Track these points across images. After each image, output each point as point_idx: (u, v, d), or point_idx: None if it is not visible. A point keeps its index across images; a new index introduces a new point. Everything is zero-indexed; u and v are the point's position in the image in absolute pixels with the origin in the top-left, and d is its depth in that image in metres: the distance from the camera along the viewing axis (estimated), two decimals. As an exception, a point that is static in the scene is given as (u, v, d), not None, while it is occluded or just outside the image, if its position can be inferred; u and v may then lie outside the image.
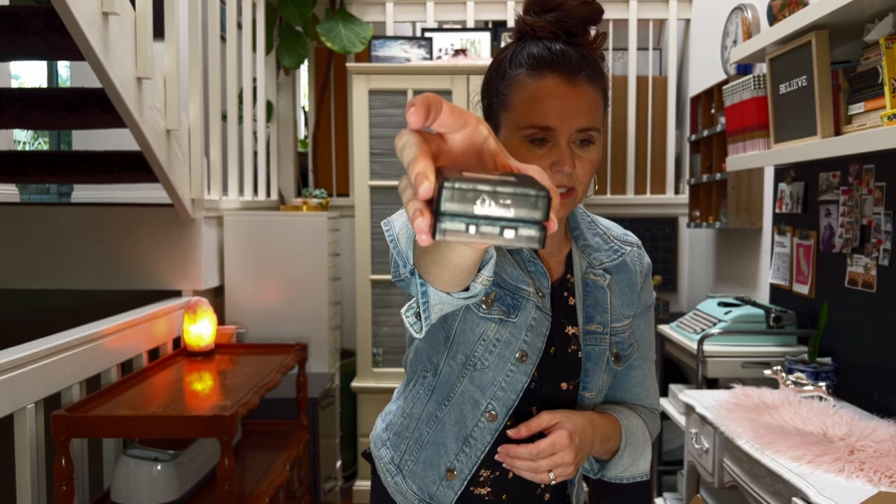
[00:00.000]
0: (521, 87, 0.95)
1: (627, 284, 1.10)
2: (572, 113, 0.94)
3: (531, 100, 0.94)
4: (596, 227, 1.11)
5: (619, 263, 1.09)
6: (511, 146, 0.96)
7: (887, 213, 1.83)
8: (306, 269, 2.94)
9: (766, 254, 2.66)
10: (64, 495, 1.66)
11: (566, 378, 1.05)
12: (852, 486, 1.37)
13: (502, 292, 1.00)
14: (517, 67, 0.97)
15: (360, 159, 3.17)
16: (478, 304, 0.99)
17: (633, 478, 1.08)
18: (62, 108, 2.31)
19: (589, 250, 1.08)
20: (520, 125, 0.95)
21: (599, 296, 1.06)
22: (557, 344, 1.05)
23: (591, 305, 1.06)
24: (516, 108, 0.96)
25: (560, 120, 0.93)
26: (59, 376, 1.84)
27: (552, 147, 0.94)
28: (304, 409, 2.58)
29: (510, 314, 1.00)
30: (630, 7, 3.63)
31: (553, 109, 0.93)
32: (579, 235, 1.09)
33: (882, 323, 1.86)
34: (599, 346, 1.05)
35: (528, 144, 0.95)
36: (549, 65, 0.94)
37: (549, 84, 0.94)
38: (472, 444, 1.02)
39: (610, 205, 3.69)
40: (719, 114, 2.80)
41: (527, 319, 1.00)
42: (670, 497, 2.64)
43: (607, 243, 1.10)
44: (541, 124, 0.94)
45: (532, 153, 0.95)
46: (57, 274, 2.61)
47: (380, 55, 3.30)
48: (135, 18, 2.10)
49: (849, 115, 1.73)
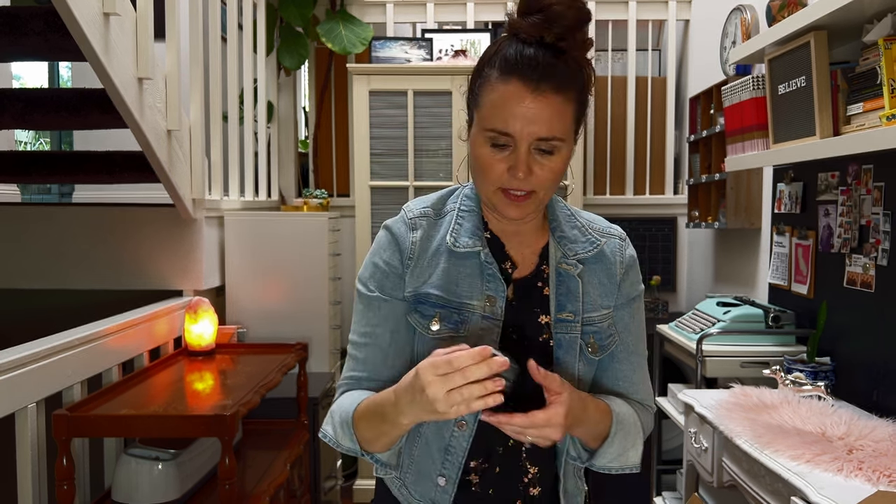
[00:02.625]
0: (490, 89, 0.98)
1: (606, 275, 1.11)
2: (533, 121, 0.95)
3: (495, 103, 0.97)
4: (575, 221, 1.13)
5: (595, 254, 1.10)
6: (477, 144, 1.01)
7: (886, 213, 1.84)
8: (307, 269, 2.95)
9: (764, 254, 2.67)
10: (65, 495, 1.67)
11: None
12: (851, 485, 1.37)
13: (447, 311, 1.04)
14: (491, 68, 0.99)
15: (361, 160, 3.18)
16: (426, 328, 1.05)
17: (622, 469, 1.08)
18: (63, 108, 2.32)
19: (565, 241, 1.10)
20: (484, 126, 0.98)
21: (572, 285, 1.08)
22: (529, 332, 1.07)
23: (563, 294, 1.08)
24: (483, 109, 0.99)
25: (519, 127, 0.95)
26: (60, 376, 1.85)
27: (512, 151, 0.97)
28: (305, 409, 2.59)
29: (459, 329, 1.04)
30: (629, 8, 3.63)
31: (513, 116, 0.95)
32: (556, 227, 1.12)
33: (881, 323, 1.87)
34: (570, 333, 1.07)
35: (491, 146, 0.99)
36: (516, 70, 0.95)
37: (512, 89, 0.95)
38: (453, 453, 1.06)
39: (609, 205, 3.69)
40: (718, 114, 2.80)
41: (476, 331, 1.04)
42: (669, 496, 2.65)
43: (585, 235, 1.12)
44: (501, 129, 0.96)
45: (493, 156, 0.99)
46: (58, 274, 2.61)
47: (380, 56, 3.31)
48: (136, 19, 2.11)
49: (847, 116, 1.73)
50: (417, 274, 1.06)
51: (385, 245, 1.09)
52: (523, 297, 1.08)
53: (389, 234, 1.09)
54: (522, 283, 1.08)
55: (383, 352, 1.08)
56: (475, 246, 1.06)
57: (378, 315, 1.08)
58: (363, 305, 1.10)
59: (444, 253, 1.06)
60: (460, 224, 1.08)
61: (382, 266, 1.08)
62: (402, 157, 3.19)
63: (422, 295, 1.05)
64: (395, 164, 3.19)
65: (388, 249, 1.09)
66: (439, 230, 1.08)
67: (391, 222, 1.11)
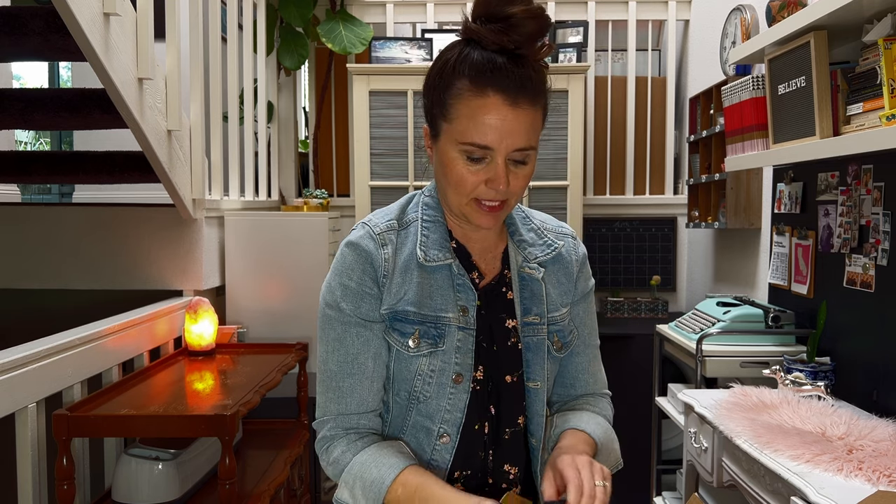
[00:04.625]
0: (464, 102, 0.96)
1: (564, 274, 1.14)
2: (511, 133, 0.96)
3: (472, 117, 0.96)
4: (531, 223, 1.15)
5: (554, 256, 1.13)
6: (449, 158, 1.00)
7: (885, 213, 1.84)
8: (307, 269, 2.95)
9: (764, 254, 2.67)
10: (65, 494, 1.67)
11: (509, 370, 1.09)
12: (851, 485, 1.37)
13: (424, 327, 1.04)
14: (460, 77, 0.97)
15: (361, 160, 3.18)
16: (405, 345, 1.03)
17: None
18: (63, 108, 2.32)
19: (524, 245, 1.12)
20: (459, 140, 0.98)
21: (535, 288, 1.10)
22: (497, 338, 1.08)
23: (527, 298, 1.10)
24: (457, 123, 0.97)
25: (498, 140, 0.96)
26: (60, 376, 1.85)
27: (489, 164, 0.98)
28: (305, 409, 2.59)
29: (437, 344, 1.04)
30: (629, 8, 3.63)
31: (492, 129, 0.95)
32: (514, 231, 1.13)
33: (880, 323, 1.87)
34: (538, 336, 1.09)
35: (466, 160, 0.98)
36: (491, 82, 0.95)
37: (490, 103, 0.95)
38: (437, 465, 1.06)
39: (609, 205, 3.69)
40: (718, 114, 2.80)
41: (453, 343, 1.04)
42: (669, 496, 2.65)
43: (541, 238, 1.14)
44: (480, 143, 0.96)
45: (468, 168, 0.98)
46: (58, 274, 2.62)
47: (380, 56, 3.31)
48: (136, 19, 2.11)
49: (847, 116, 1.73)
50: (393, 291, 1.04)
51: (353, 264, 1.04)
52: (490, 303, 1.09)
53: (358, 252, 1.04)
54: (487, 289, 1.10)
55: (369, 380, 1.05)
56: (445, 259, 1.05)
57: (358, 342, 1.04)
58: (338, 331, 1.05)
59: (415, 267, 1.05)
60: (426, 236, 1.06)
61: (354, 287, 1.04)
62: (402, 157, 3.19)
63: (399, 313, 1.04)
64: (395, 164, 3.19)
65: (359, 268, 1.04)
66: (406, 243, 1.06)
67: (356, 239, 1.05)
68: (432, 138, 1.04)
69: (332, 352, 1.06)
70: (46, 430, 1.77)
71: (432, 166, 1.07)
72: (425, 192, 1.12)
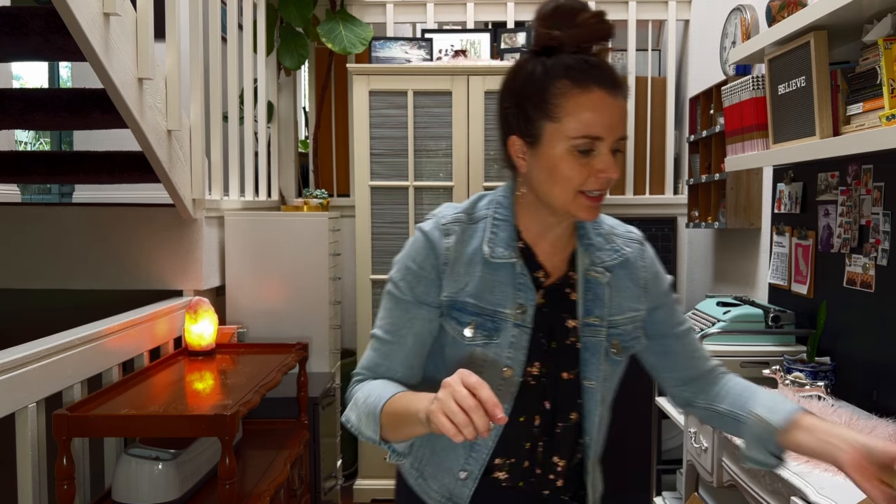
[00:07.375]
0: (572, 100, 1.03)
1: (631, 279, 1.17)
2: (615, 123, 1.04)
3: (581, 112, 1.03)
4: (600, 227, 1.19)
5: (621, 262, 1.17)
6: (557, 156, 1.04)
7: (885, 213, 1.84)
8: (307, 269, 2.95)
9: (764, 254, 2.67)
10: (65, 494, 1.67)
11: (566, 368, 1.14)
12: (851, 485, 1.36)
13: (481, 319, 1.10)
14: (559, 79, 1.04)
15: (361, 160, 3.18)
16: (461, 334, 1.10)
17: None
18: (63, 108, 2.32)
19: (592, 249, 1.16)
20: (570, 135, 1.03)
21: (599, 291, 1.15)
22: (557, 337, 1.13)
23: (590, 300, 1.14)
24: (567, 120, 1.03)
25: (607, 130, 1.03)
26: (60, 376, 1.85)
27: (596, 155, 1.04)
28: (305, 409, 2.59)
29: (492, 336, 1.09)
30: (629, 8, 3.64)
31: (602, 121, 1.03)
32: (584, 234, 1.17)
33: (880, 323, 1.87)
34: (596, 337, 1.14)
35: (576, 153, 1.04)
36: (593, 78, 1.03)
37: (596, 97, 1.03)
38: (478, 449, 1.12)
39: (609, 205, 3.63)
40: (718, 114, 2.80)
41: (507, 338, 1.09)
42: (669, 496, 2.65)
43: (609, 243, 1.18)
44: (593, 134, 1.03)
45: (578, 161, 1.04)
46: (58, 274, 2.62)
47: (380, 56, 3.31)
48: (136, 19, 2.11)
49: (847, 116, 1.73)
50: (454, 280, 1.10)
51: (420, 248, 1.12)
52: (553, 302, 1.13)
53: (425, 238, 1.13)
54: (552, 288, 1.14)
55: (404, 352, 1.12)
56: (510, 257, 1.11)
57: (405, 317, 1.12)
58: (391, 303, 1.14)
59: (479, 262, 1.11)
60: (495, 234, 1.12)
61: (415, 269, 1.12)
62: (402, 157, 3.19)
63: (458, 302, 1.10)
64: (395, 164, 3.19)
65: (423, 253, 1.12)
66: (473, 237, 1.12)
67: (426, 227, 1.14)
68: (528, 145, 1.08)
69: (382, 318, 1.15)
70: (46, 430, 1.77)
71: (520, 177, 1.12)
72: (499, 192, 1.17)
